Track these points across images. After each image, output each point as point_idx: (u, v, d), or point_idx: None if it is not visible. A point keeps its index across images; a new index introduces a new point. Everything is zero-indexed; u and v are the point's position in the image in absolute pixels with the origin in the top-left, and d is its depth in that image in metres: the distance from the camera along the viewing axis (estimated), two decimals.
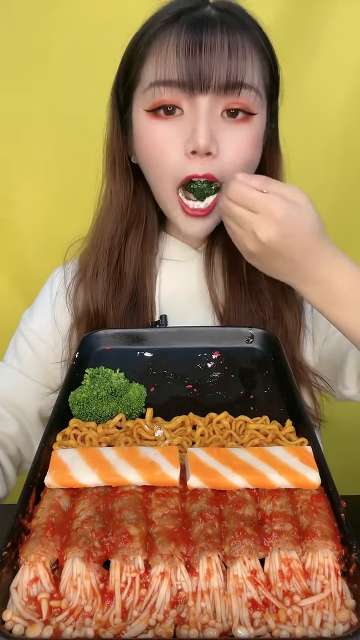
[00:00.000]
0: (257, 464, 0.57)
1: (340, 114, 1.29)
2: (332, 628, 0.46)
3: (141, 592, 0.48)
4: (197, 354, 0.82)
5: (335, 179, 1.34)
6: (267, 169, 0.91)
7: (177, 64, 0.76)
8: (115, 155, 0.91)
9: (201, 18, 0.77)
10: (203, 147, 0.77)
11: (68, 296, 0.97)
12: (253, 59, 0.79)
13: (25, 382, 0.96)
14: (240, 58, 0.77)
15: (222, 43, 0.76)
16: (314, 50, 1.24)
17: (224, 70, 0.76)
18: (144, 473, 0.56)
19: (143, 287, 0.94)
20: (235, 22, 0.79)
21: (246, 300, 0.92)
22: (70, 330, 0.96)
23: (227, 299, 0.94)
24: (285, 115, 1.15)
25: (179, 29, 0.77)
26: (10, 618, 0.46)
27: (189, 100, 0.79)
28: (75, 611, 0.47)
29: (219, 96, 0.78)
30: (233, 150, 0.81)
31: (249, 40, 0.79)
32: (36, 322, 0.99)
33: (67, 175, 1.27)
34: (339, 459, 1.04)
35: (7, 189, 1.35)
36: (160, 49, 0.78)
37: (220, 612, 0.47)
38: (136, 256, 0.94)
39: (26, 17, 1.20)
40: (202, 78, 0.76)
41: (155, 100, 0.80)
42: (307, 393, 0.93)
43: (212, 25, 0.77)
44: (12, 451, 0.93)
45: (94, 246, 0.95)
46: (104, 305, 0.93)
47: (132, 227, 0.94)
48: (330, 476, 0.57)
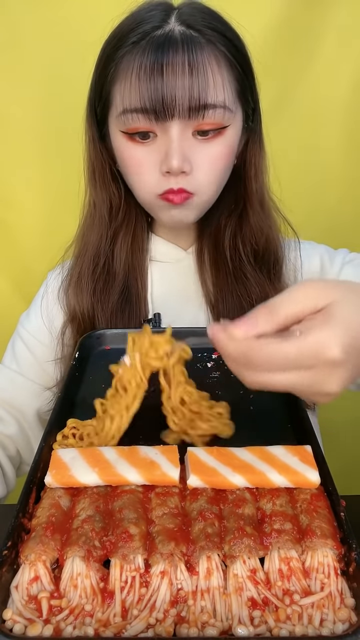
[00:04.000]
0: (257, 463, 0.57)
1: (341, 114, 1.29)
2: (331, 627, 0.46)
3: (141, 591, 0.48)
4: (197, 354, 0.82)
5: (336, 179, 1.34)
6: (249, 167, 0.91)
7: (139, 91, 0.77)
8: (95, 164, 0.92)
9: (163, 39, 0.77)
10: (176, 168, 0.79)
11: (59, 298, 0.98)
12: (216, 74, 0.78)
13: (23, 383, 0.97)
14: (202, 77, 0.77)
15: (182, 63, 0.76)
16: (314, 50, 1.24)
17: (186, 94, 0.76)
18: (144, 472, 0.56)
19: (135, 284, 0.95)
20: (198, 38, 0.78)
21: (233, 289, 0.93)
22: (63, 327, 0.97)
23: (216, 291, 0.95)
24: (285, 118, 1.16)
25: (143, 53, 0.77)
26: (10, 617, 0.46)
27: (159, 126, 0.79)
28: (75, 610, 0.47)
29: (186, 119, 0.78)
30: (206, 165, 0.82)
31: (212, 56, 0.78)
32: (33, 324, 1.00)
33: (67, 175, 1.26)
34: (339, 459, 1.04)
35: (6, 189, 1.35)
36: (126, 75, 0.78)
37: (220, 611, 0.47)
38: (126, 255, 0.95)
39: (24, 16, 1.20)
40: (164, 105, 0.77)
41: (128, 127, 0.81)
42: None
43: (174, 45, 0.76)
44: (11, 452, 0.93)
45: (79, 254, 0.96)
46: (91, 305, 0.93)
47: (122, 228, 0.95)
48: (330, 475, 0.57)
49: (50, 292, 1.00)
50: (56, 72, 1.23)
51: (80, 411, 0.72)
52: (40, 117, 1.28)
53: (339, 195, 1.35)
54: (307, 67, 1.25)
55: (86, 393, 0.75)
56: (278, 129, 0.94)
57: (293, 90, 1.26)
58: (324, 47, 1.23)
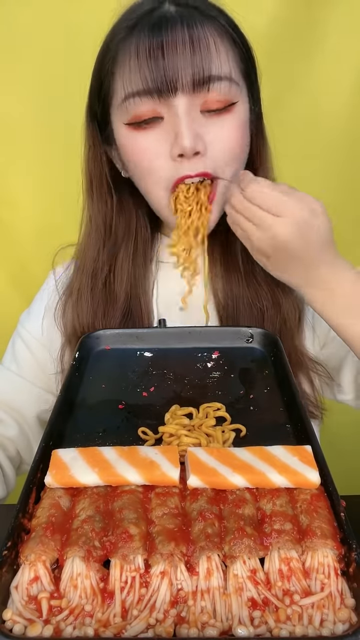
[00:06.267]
0: (257, 463, 0.57)
1: (342, 114, 1.29)
2: (331, 627, 0.46)
3: (141, 591, 0.48)
4: (197, 354, 0.82)
5: (337, 178, 1.34)
6: (256, 161, 0.90)
7: (140, 72, 0.75)
8: (93, 177, 0.91)
9: (159, 18, 0.75)
10: (189, 148, 0.76)
11: (56, 316, 0.96)
12: (219, 47, 0.77)
13: (23, 385, 0.96)
14: (204, 50, 0.75)
15: (183, 39, 0.74)
16: (314, 50, 1.24)
17: (188, 68, 0.74)
18: (144, 472, 0.56)
19: (137, 303, 0.93)
20: (196, 14, 0.76)
21: (243, 292, 0.92)
22: (61, 349, 0.95)
23: (225, 293, 0.93)
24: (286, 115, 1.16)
25: (139, 35, 0.75)
26: (10, 617, 0.46)
27: (165, 106, 0.77)
28: (75, 610, 0.47)
29: (192, 94, 0.76)
30: (220, 143, 0.80)
31: (213, 29, 0.77)
32: (33, 324, 0.99)
33: (65, 175, 1.27)
34: (339, 459, 1.04)
35: (4, 189, 1.35)
36: (124, 60, 0.77)
37: (220, 611, 0.47)
38: (128, 274, 0.92)
39: (23, 16, 1.20)
40: (167, 81, 0.74)
41: (132, 113, 0.78)
42: (307, 381, 0.93)
43: (172, 22, 0.75)
44: (11, 453, 0.93)
45: (78, 269, 0.95)
46: (92, 325, 0.92)
47: (122, 244, 0.93)
48: (330, 475, 0.57)
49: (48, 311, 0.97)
50: (56, 72, 1.23)
51: (80, 411, 0.72)
52: (39, 118, 1.28)
53: (339, 195, 1.35)
54: (307, 67, 1.25)
55: (86, 393, 0.75)
56: (278, 130, 0.93)
57: (293, 89, 1.26)
58: (324, 46, 1.23)
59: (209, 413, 0.70)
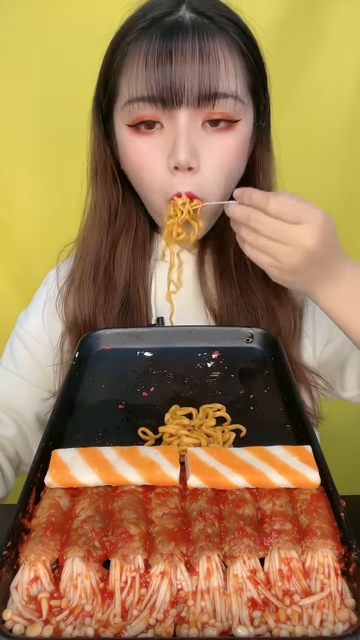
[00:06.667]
0: (257, 463, 0.57)
1: (341, 115, 1.29)
2: (331, 627, 0.46)
3: (141, 591, 0.48)
4: (197, 354, 0.82)
5: (337, 179, 1.34)
6: (258, 170, 0.90)
7: (146, 79, 0.74)
8: (98, 165, 0.90)
9: (172, 24, 0.74)
10: (183, 162, 0.76)
11: (58, 304, 0.96)
12: (228, 62, 0.76)
13: (22, 385, 0.96)
14: (213, 64, 0.74)
15: (193, 49, 0.73)
16: (314, 50, 1.24)
17: (195, 81, 0.73)
18: (143, 472, 0.56)
19: (136, 292, 0.93)
20: (209, 25, 0.76)
21: (237, 301, 0.92)
22: (62, 337, 0.95)
23: (219, 300, 0.93)
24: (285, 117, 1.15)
25: (150, 39, 0.74)
26: (10, 617, 0.46)
27: (167, 115, 0.76)
28: (75, 610, 0.47)
29: (196, 109, 0.76)
30: (215, 164, 0.79)
31: (224, 42, 0.76)
32: (31, 324, 0.99)
33: (66, 175, 1.27)
34: (339, 459, 1.04)
35: (5, 189, 1.35)
36: (132, 63, 0.76)
37: (220, 612, 0.47)
38: (127, 263, 0.92)
39: (24, 16, 1.20)
40: (172, 92, 0.74)
41: (133, 116, 0.78)
42: (305, 392, 0.93)
43: (184, 31, 0.74)
44: (10, 453, 0.93)
45: (80, 257, 0.95)
46: (92, 313, 0.92)
47: (122, 234, 0.93)
48: (330, 476, 0.57)
49: (49, 298, 0.98)
50: (56, 72, 1.23)
51: (80, 411, 0.72)
52: (40, 117, 1.28)
53: (340, 195, 1.35)
54: (309, 66, 1.25)
55: (86, 393, 0.75)
56: (279, 129, 0.93)
57: (295, 88, 1.26)
58: (326, 45, 1.23)
59: (209, 413, 0.70)
